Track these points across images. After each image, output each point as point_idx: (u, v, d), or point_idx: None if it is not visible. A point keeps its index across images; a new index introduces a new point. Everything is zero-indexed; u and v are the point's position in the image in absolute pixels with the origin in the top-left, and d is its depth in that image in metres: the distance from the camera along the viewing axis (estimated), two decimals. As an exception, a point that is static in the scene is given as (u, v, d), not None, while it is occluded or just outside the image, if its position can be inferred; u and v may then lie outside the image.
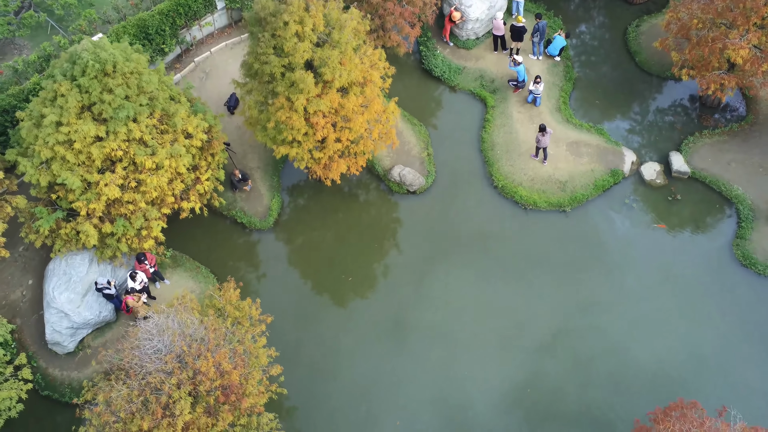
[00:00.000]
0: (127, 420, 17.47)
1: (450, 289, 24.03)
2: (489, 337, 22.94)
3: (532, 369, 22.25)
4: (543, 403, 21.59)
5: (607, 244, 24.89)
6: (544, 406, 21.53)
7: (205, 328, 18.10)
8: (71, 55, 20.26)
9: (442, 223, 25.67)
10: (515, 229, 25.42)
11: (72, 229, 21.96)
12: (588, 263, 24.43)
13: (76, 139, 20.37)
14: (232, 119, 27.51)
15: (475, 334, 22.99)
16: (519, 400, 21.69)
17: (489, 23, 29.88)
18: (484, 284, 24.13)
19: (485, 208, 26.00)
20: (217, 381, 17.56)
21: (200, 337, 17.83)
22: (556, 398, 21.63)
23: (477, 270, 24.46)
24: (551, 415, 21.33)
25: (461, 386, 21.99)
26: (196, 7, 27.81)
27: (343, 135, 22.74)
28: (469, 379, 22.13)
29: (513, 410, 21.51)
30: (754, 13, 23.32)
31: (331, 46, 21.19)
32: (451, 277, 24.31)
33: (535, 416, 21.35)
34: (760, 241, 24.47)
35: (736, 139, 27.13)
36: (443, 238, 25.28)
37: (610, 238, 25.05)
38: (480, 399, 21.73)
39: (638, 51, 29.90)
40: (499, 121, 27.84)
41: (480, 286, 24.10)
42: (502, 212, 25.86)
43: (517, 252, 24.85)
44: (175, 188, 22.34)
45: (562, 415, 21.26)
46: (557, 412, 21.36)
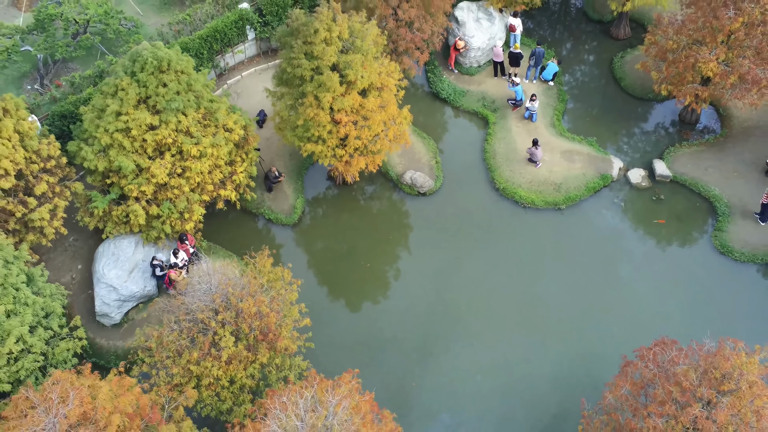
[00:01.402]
0: (177, 355, 19.88)
1: (458, 274, 26.66)
2: (495, 311, 25.47)
3: (534, 333, 24.73)
4: (543, 353, 23.94)
5: (598, 235, 27.69)
6: (543, 355, 23.86)
7: (245, 278, 20.72)
8: (132, 54, 23.61)
9: (451, 219, 28.53)
10: (516, 224, 28.27)
11: (122, 212, 24.79)
12: (582, 252, 27.17)
13: (132, 127, 23.48)
14: (260, 132, 30.72)
15: (482, 308, 25.53)
16: (522, 353, 24.05)
17: (489, 52, 33.51)
18: (490, 270, 26.79)
19: (489, 206, 28.91)
20: (256, 322, 20.07)
21: (242, 285, 20.44)
22: (554, 353, 23.98)
23: (483, 258, 27.17)
24: (552, 358, 23.65)
25: (469, 345, 24.35)
26: (231, 35, 31.44)
27: (363, 133, 25.85)
28: (475, 337, 24.54)
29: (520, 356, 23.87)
30: (720, 32, 26.84)
31: (354, 52, 24.58)
32: (460, 264, 26.99)
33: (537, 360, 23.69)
34: (736, 233, 27.27)
35: (712, 149, 30.29)
36: (451, 231, 28.09)
37: (602, 230, 27.87)
38: (494, 350, 24.08)
39: (623, 77, 33.43)
40: (499, 134, 31.07)
41: (485, 271, 26.75)
42: (504, 210, 28.76)
43: (518, 242, 27.63)
44: (215, 177, 25.33)
45: (565, 357, 23.57)
46: (557, 359, 23.69)
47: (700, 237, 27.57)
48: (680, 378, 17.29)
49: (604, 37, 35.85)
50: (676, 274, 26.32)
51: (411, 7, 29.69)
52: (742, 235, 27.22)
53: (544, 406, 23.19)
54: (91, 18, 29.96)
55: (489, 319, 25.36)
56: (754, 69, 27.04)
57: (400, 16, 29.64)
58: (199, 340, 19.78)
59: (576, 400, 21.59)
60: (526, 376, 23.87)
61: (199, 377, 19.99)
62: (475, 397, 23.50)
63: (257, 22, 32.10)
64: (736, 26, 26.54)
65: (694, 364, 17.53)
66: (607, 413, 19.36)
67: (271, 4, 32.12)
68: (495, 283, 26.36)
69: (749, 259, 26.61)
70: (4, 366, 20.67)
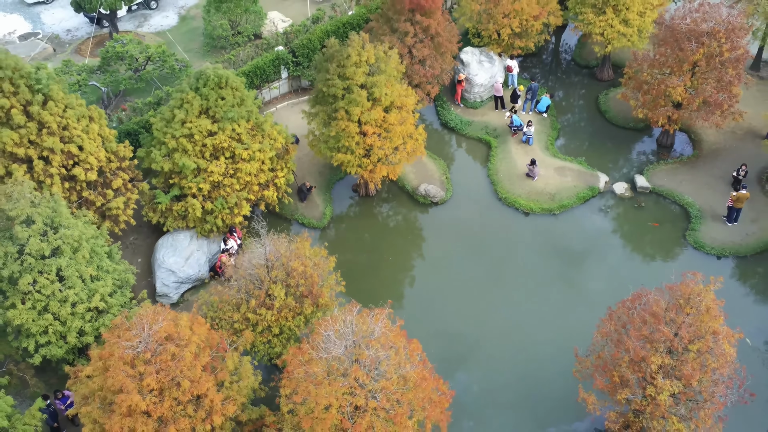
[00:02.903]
0: (236, 308, 23.91)
1: (469, 265, 30.83)
2: (501, 293, 29.56)
3: (536, 309, 28.74)
4: (545, 322, 27.84)
5: (588, 234, 32.02)
6: (545, 324, 27.76)
7: (293, 244, 24.94)
8: (196, 73, 28.55)
9: (460, 223, 32.89)
10: (517, 226, 32.65)
11: (182, 207, 29.21)
12: (574, 247, 31.43)
13: (195, 133, 28.20)
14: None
15: (490, 290, 29.62)
16: (520, 319, 27.98)
17: (491, 89, 38.66)
18: (495, 263, 30.96)
19: (493, 212, 33.36)
20: (302, 280, 24.17)
21: (291, 250, 24.63)
22: (553, 323, 27.87)
23: (490, 252, 31.41)
24: (552, 326, 27.51)
25: (481, 318, 28.31)
26: (268, 72, 36.63)
27: (385, 144, 30.54)
28: (487, 311, 28.49)
29: (523, 318, 27.77)
30: (685, 62, 31.92)
31: (379, 74, 29.55)
32: (470, 257, 31.19)
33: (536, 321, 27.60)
34: (707, 232, 31.60)
35: (686, 166, 34.97)
36: (461, 233, 32.40)
37: (591, 231, 32.21)
38: (503, 320, 28.01)
39: (607, 110, 38.46)
40: (501, 155, 35.81)
41: (491, 264, 30.91)
42: (507, 215, 33.19)
43: (519, 240, 31.93)
44: (260, 179, 29.86)
45: (562, 325, 27.39)
46: (556, 326, 27.56)
47: (676, 235, 31.85)
48: (652, 306, 21.33)
49: (591, 79, 41.14)
50: (655, 263, 30.50)
51: (424, 47, 34.98)
52: (712, 234, 31.53)
53: (545, 361, 26.90)
54: (151, 55, 35.17)
55: (496, 299, 29.37)
56: (715, 93, 32.05)
57: (415, 54, 34.88)
58: (255, 293, 23.84)
59: (572, 356, 25.32)
60: (532, 340, 27.71)
61: (254, 325, 23.93)
62: (489, 358, 27.27)
63: (291, 62, 37.35)
64: (698, 57, 31.64)
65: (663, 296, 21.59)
66: (595, 353, 23.20)
67: (302, 47, 37.47)
68: (501, 272, 30.51)
69: (719, 252, 30.84)
70: (90, 321, 24.67)
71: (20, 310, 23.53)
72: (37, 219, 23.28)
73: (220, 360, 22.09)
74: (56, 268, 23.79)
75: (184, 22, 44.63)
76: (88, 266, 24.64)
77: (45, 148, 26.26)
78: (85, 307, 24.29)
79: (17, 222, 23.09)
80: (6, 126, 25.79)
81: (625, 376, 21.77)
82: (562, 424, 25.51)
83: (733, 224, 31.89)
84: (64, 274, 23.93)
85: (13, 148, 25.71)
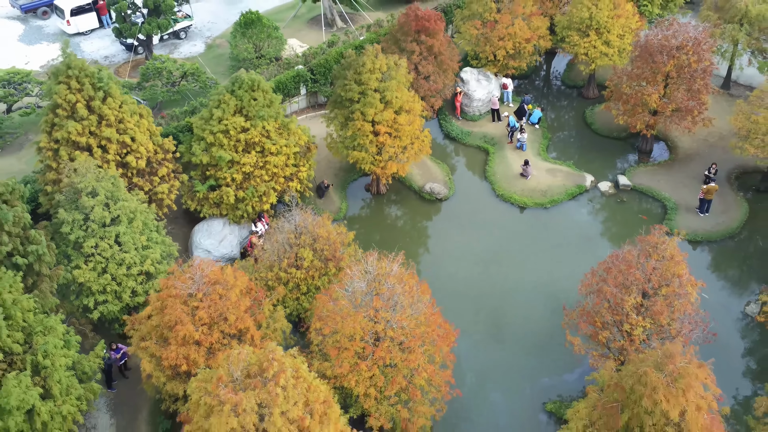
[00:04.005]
0: (270, 267, 27.70)
1: (471, 251, 34.66)
2: (500, 271, 33.30)
3: (531, 280, 32.47)
4: (539, 290, 31.54)
5: (575, 224, 35.94)
6: (539, 292, 31.45)
7: (318, 217, 28.87)
8: (232, 78, 32.87)
9: (462, 216, 36.84)
10: (512, 218, 36.60)
11: (217, 195, 33.20)
12: (562, 235, 35.31)
13: (230, 129, 32.37)
14: (312, 158, 39.53)
15: (487, 269, 33.38)
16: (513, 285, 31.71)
17: (488, 103, 43.09)
18: (494, 248, 34.81)
19: (491, 206, 37.36)
20: (326, 246, 28.02)
21: (316, 219, 28.52)
22: (546, 291, 31.57)
23: (488, 240, 35.27)
24: (545, 293, 31.19)
25: (485, 285, 32.02)
26: (290, 87, 41.10)
27: (395, 142, 34.71)
28: (489, 282, 32.21)
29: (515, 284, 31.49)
30: (658, 73, 36.36)
31: (390, 80, 33.91)
32: (472, 244, 35.03)
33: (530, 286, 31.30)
34: (682, 221, 35.53)
35: (663, 168, 39.13)
36: (463, 224, 36.32)
37: (578, 221, 36.16)
38: (502, 290, 31.71)
39: (593, 123, 42.84)
40: (498, 159, 40.00)
41: (491, 251, 34.75)
42: (503, 209, 37.20)
43: (514, 230, 35.84)
44: (286, 172, 33.92)
45: (553, 292, 31.03)
46: (548, 293, 31.23)
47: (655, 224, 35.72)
48: (626, 255, 25.16)
49: (578, 97, 45.68)
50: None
51: (428, 64, 39.55)
52: (687, 223, 35.44)
53: (538, 320, 30.51)
54: (186, 71, 39.66)
55: (495, 274, 33.16)
56: (686, 100, 36.41)
57: (420, 70, 39.41)
58: (286, 255, 27.67)
59: (561, 317, 28.90)
60: (527, 305, 31.39)
61: (285, 283, 27.66)
62: (488, 318, 30.88)
63: (309, 79, 41.87)
64: (670, 68, 36.10)
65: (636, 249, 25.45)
66: (580, 306, 26.90)
67: (320, 66, 42.04)
68: (499, 254, 34.29)
69: (692, 238, 34.71)
70: (141, 283, 28.42)
71: (84, 270, 27.33)
72: (100, 191, 27.30)
73: (257, 306, 25.81)
74: (115, 235, 27.70)
75: (210, 50, 49.38)
76: (141, 235, 28.51)
77: (103, 138, 30.41)
78: (137, 269, 28.10)
79: (84, 193, 27.09)
80: (71, 118, 29.97)
81: (605, 318, 25.47)
82: (554, 375, 29.00)
83: (705, 215, 35.83)
84: (122, 240, 27.82)
85: (76, 137, 29.85)
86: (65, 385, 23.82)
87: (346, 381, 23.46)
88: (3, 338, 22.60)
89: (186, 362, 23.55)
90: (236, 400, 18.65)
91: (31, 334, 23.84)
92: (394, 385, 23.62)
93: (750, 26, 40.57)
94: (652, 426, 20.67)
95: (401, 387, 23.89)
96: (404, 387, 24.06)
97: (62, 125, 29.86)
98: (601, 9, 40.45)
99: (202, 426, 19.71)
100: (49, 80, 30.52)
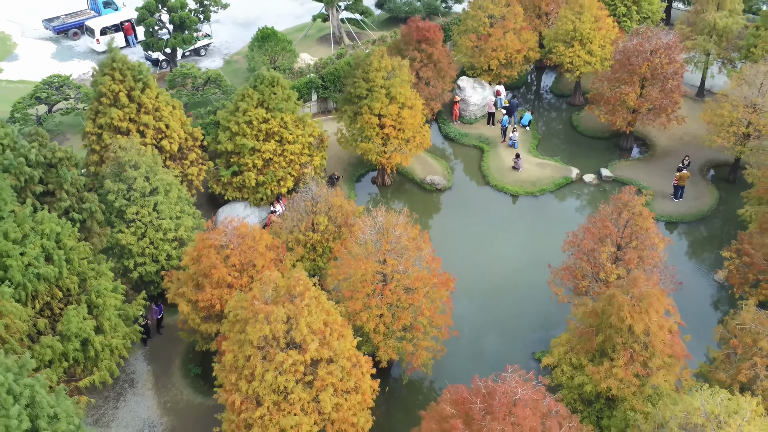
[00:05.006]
0: (291, 229, 31.44)
1: (469, 233, 38.40)
2: (494, 247, 37.00)
3: (520, 255, 36.14)
4: (526, 263, 35.17)
5: (562, 210, 39.75)
6: (522, 267, 35.09)
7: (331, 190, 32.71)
8: (255, 75, 37.05)
9: (460, 203, 40.68)
10: (505, 205, 40.46)
11: (239, 180, 37.07)
12: (550, 218, 39.11)
13: (252, 119, 36.42)
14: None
15: (485, 247, 37.09)
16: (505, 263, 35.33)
17: (484, 108, 47.30)
18: (490, 231, 38.57)
19: (486, 196, 41.24)
20: (340, 214, 31.79)
21: (330, 190, 32.36)
22: (532, 263, 35.19)
23: (484, 225, 39.04)
24: (532, 264, 34.79)
25: (476, 262, 35.67)
26: (303, 92, 45.33)
27: (399, 135, 38.74)
28: (483, 257, 35.86)
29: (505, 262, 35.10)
30: (635, 75, 40.61)
31: (394, 77, 38.11)
32: (469, 227, 38.79)
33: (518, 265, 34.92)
34: (658, 207, 39.38)
35: (642, 162, 43.15)
36: (461, 210, 40.14)
37: (564, 207, 39.98)
38: (494, 264, 35.33)
39: (578, 125, 47.03)
40: (491, 156, 44.03)
41: (487, 231, 38.52)
42: (497, 197, 41.07)
43: (507, 214, 39.66)
44: (301, 159, 37.87)
45: (539, 264, 34.62)
46: (535, 265, 34.84)
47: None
48: (601, 212, 28.95)
49: (566, 105, 49.95)
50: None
51: (428, 70, 43.85)
52: (663, 208, 39.31)
53: (530, 287, 34.07)
54: (210, 77, 43.95)
55: (491, 250, 36.84)
56: (660, 99, 40.57)
57: (421, 76, 43.70)
58: (304, 220, 31.43)
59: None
60: (519, 274, 34.99)
61: (304, 244, 31.35)
62: (484, 284, 34.48)
63: (320, 85, 46.15)
64: (645, 70, 40.36)
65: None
66: (563, 265, 30.54)
67: (329, 75, 46.34)
68: (495, 235, 38.04)
69: (666, 219, 38.52)
70: (174, 248, 32.11)
71: (126, 233, 31.05)
72: (141, 165, 31.20)
73: (279, 261, 29.46)
74: (154, 203, 31.49)
75: (228, 65, 53.85)
76: (176, 206, 32.31)
77: (141, 124, 34.44)
78: (172, 235, 31.82)
79: (128, 165, 30.99)
80: (114, 106, 34.03)
81: (585, 271, 29.12)
82: (542, 330, 32.50)
83: (679, 200, 39.70)
84: (159, 209, 31.60)
85: (118, 122, 33.88)
86: (114, 323, 27.42)
87: (358, 319, 26.98)
88: (64, 278, 26.31)
89: (219, 302, 27.11)
90: (268, 310, 22.25)
91: (85, 279, 27.54)
92: (400, 322, 27.16)
93: (719, 38, 44.98)
94: (621, 344, 24.16)
95: (406, 324, 27.43)
96: (408, 325, 27.59)
97: (105, 112, 33.92)
98: (584, 22, 44.92)
99: (239, 339, 23.29)
100: (95, 73, 34.65)
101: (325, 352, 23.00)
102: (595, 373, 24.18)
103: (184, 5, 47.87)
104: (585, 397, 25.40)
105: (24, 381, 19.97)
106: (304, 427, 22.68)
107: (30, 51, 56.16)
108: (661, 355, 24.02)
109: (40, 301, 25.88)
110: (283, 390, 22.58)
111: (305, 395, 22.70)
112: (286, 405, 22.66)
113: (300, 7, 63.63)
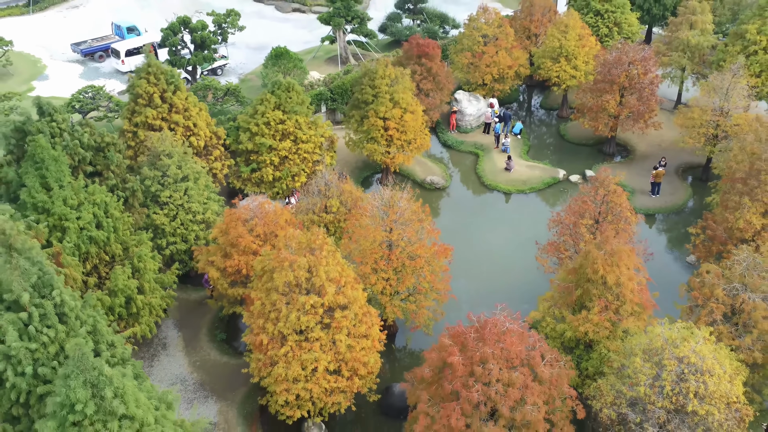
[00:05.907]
0: (307, 211, 35.39)
1: (465, 228, 42.34)
2: (488, 240, 40.89)
3: (510, 244, 39.99)
4: (511, 254, 38.99)
5: (549, 206, 43.76)
6: (513, 252, 38.90)
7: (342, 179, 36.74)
8: (272, 82, 41.38)
9: (457, 201, 44.70)
10: (498, 202, 44.47)
11: (258, 176, 41.12)
12: (539, 212, 43.08)
13: (270, 121, 40.63)
14: (332, 159, 47.70)
15: (479, 237, 40.99)
16: (500, 252, 39.13)
17: (478, 119, 51.66)
18: (484, 223, 42.52)
19: (481, 194, 45.28)
20: (350, 198, 35.75)
21: (341, 179, 36.39)
22: (522, 250, 39.02)
23: (479, 218, 43.01)
24: (522, 248, 38.59)
25: (472, 249, 39.49)
26: (314, 104, 49.67)
27: (402, 136, 42.93)
28: (478, 248, 39.71)
29: (498, 250, 38.90)
30: (615, 84, 45.02)
31: (397, 84, 42.45)
32: (465, 223, 42.74)
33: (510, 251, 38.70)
34: (637, 201, 43.40)
35: (623, 165, 47.31)
36: (458, 207, 44.13)
37: (551, 203, 43.99)
38: (486, 249, 39.15)
39: (566, 134, 51.34)
40: (486, 160, 48.23)
41: (482, 224, 42.47)
42: (491, 195, 45.12)
43: (500, 210, 43.66)
44: (314, 157, 41.99)
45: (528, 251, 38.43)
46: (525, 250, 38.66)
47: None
48: (581, 189, 32.92)
49: (554, 117, 54.36)
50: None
51: (428, 83, 48.28)
52: (642, 202, 43.34)
53: (522, 270, 37.82)
54: (229, 89, 48.34)
55: (486, 240, 40.70)
56: (638, 106, 44.89)
57: (421, 88, 48.11)
58: (318, 203, 35.39)
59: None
60: (510, 256, 38.80)
61: (319, 224, 35.24)
62: (481, 266, 38.24)
63: (329, 98, 50.55)
64: (623, 79, 44.76)
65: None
66: (549, 241, 34.40)
67: (338, 88, 50.78)
68: (489, 227, 41.95)
69: (645, 212, 42.50)
70: (201, 230, 35.98)
71: (160, 215, 34.95)
72: (174, 154, 35.27)
73: (298, 236, 33.31)
74: (185, 189, 35.47)
75: (243, 83, 58.35)
76: (203, 192, 36.30)
77: (172, 122, 38.64)
78: (200, 217, 35.73)
79: (162, 154, 35.05)
80: (149, 106, 38.26)
81: (567, 243, 33.00)
82: (533, 300, 36.12)
83: (656, 196, 43.74)
84: (189, 193, 35.57)
85: (152, 120, 38.07)
86: (152, 286, 31.17)
87: (367, 281, 30.75)
88: (111, 243, 30.17)
89: (246, 267, 30.90)
90: (292, 259, 26.08)
91: (127, 248, 31.38)
92: (405, 283, 30.94)
93: (692, 54, 49.54)
94: (597, 296, 27.91)
95: (410, 287, 31.19)
96: (412, 288, 31.36)
97: (141, 111, 38.13)
98: (569, 39, 49.50)
99: (266, 287, 27.05)
100: (132, 77, 38.97)
101: (340, 298, 26.70)
102: (574, 321, 27.89)
103: (204, 26, 52.54)
104: (566, 344, 29.04)
105: (88, 311, 23.71)
106: (321, 363, 26.28)
107: (59, 71, 60.73)
108: (630, 304, 27.74)
109: (90, 263, 29.68)
110: (305, 330, 26.27)
111: (323, 335, 26.37)
112: (306, 344, 26.32)
113: (309, 34, 68.49)
